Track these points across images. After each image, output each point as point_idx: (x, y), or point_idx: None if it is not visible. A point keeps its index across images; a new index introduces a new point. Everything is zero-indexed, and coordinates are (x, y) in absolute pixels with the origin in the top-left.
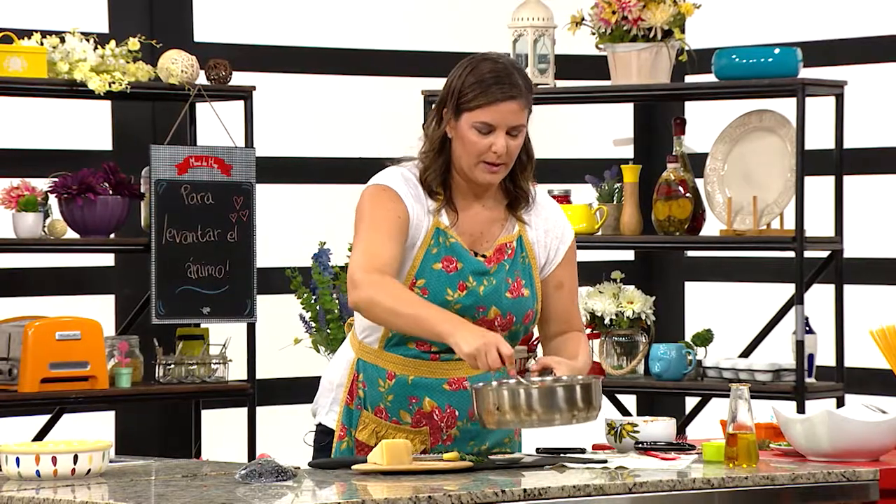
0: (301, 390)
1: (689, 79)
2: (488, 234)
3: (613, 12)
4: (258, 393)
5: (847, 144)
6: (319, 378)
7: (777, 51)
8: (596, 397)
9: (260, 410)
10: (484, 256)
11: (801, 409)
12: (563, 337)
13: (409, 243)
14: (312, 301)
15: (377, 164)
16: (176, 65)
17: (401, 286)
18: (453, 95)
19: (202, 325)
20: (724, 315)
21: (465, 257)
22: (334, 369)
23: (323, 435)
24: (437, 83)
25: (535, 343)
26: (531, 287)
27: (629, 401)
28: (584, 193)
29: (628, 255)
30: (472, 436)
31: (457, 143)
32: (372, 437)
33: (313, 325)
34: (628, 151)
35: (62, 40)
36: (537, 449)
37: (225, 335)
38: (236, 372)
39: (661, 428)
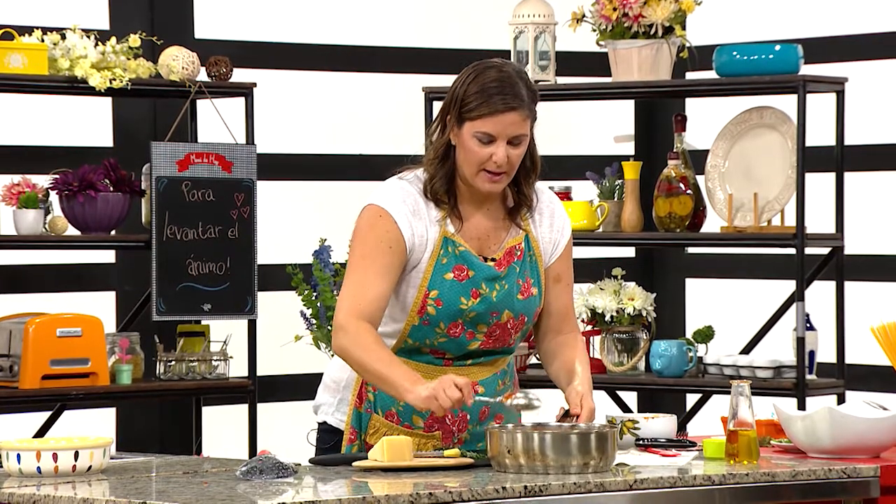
0: (302, 387)
1: (690, 75)
2: (495, 237)
3: (614, 9)
4: (259, 390)
5: (848, 141)
6: (321, 375)
7: (778, 47)
8: (611, 447)
9: (261, 407)
10: (493, 260)
11: (801, 406)
12: (561, 341)
13: (415, 259)
14: (313, 298)
15: (378, 161)
16: (177, 61)
17: (373, 338)
18: (456, 103)
19: (203, 322)
20: (725, 312)
21: (475, 264)
22: (339, 368)
23: (328, 435)
24: (439, 80)
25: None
26: (538, 285)
27: (630, 398)
28: (584, 190)
29: (629, 251)
30: (480, 437)
31: (459, 151)
32: None
33: (314, 321)
34: (629, 148)
35: (63, 37)
36: None
37: (226, 332)
38: (237, 369)
39: (661, 425)
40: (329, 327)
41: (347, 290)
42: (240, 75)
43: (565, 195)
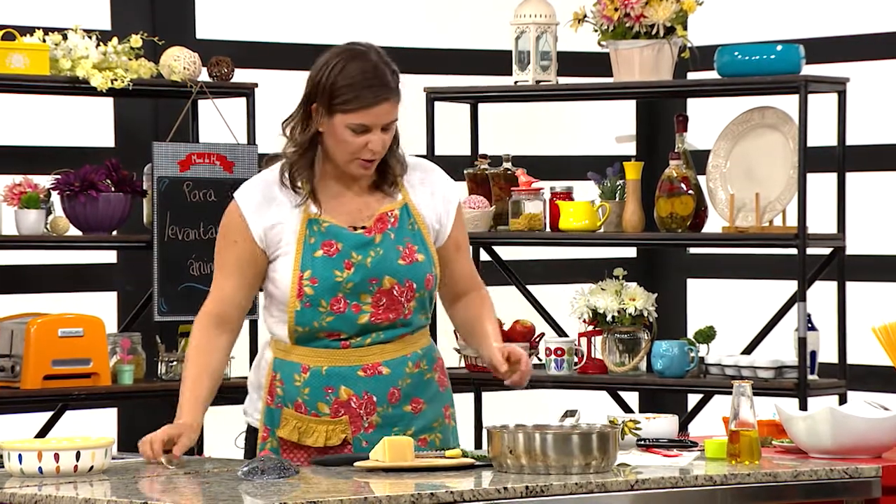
0: None
1: (692, 76)
2: (367, 209)
3: (616, 9)
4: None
5: (849, 141)
6: None
7: (779, 47)
8: (612, 447)
9: None
10: (364, 228)
11: (803, 406)
12: (468, 304)
13: (277, 245)
14: None
15: None
16: (178, 62)
17: (195, 352)
18: (324, 93)
19: None
20: (727, 312)
21: (343, 236)
22: (254, 371)
23: (251, 435)
24: (440, 80)
25: (537, 340)
26: (426, 252)
27: (631, 398)
28: (586, 190)
29: (630, 252)
30: (395, 421)
31: (329, 139)
32: (294, 433)
33: None
34: (630, 148)
35: (64, 37)
36: None
37: None
38: (238, 369)
39: (663, 425)
40: None
41: (210, 291)
42: (241, 75)
43: (567, 195)
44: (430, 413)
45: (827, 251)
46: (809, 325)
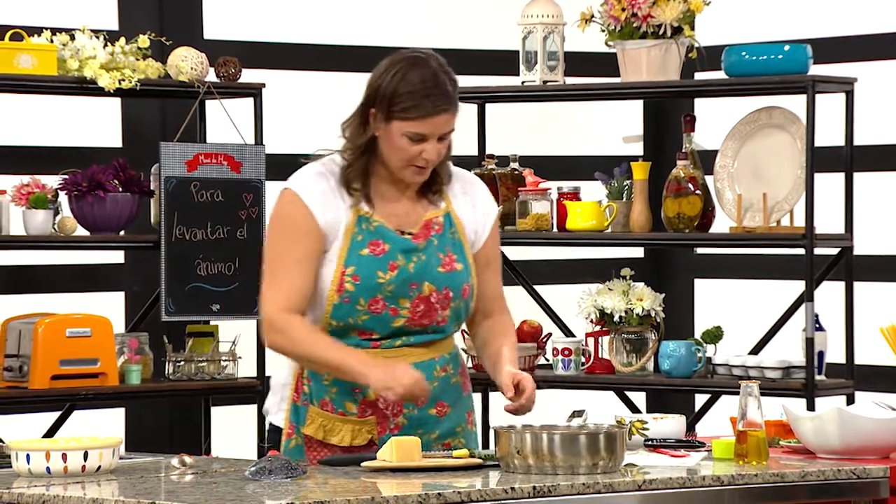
0: None
1: (699, 76)
2: (414, 213)
3: (623, 9)
4: (267, 390)
5: (857, 141)
6: None
7: (787, 48)
8: (620, 447)
9: None
10: (411, 234)
11: (810, 407)
12: (491, 327)
13: (331, 239)
14: None
15: None
16: (185, 62)
17: (309, 329)
18: (383, 100)
19: (212, 323)
20: (734, 312)
21: (390, 238)
22: (280, 369)
23: (274, 434)
24: None
25: (545, 340)
26: (464, 261)
27: (639, 398)
28: (593, 190)
29: (638, 252)
30: (420, 423)
31: (385, 144)
32: (319, 431)
33: None
34: (638, 148)
35: (72, 38)
36: None
37: (234, 332)
38: (246, 369)
39: (670, 425)
40: None
41: (272, 283)
42: (248, 76)
43: (574, 195)
44: (454, 417)
45: (834, 251)
46: (817, 326)
